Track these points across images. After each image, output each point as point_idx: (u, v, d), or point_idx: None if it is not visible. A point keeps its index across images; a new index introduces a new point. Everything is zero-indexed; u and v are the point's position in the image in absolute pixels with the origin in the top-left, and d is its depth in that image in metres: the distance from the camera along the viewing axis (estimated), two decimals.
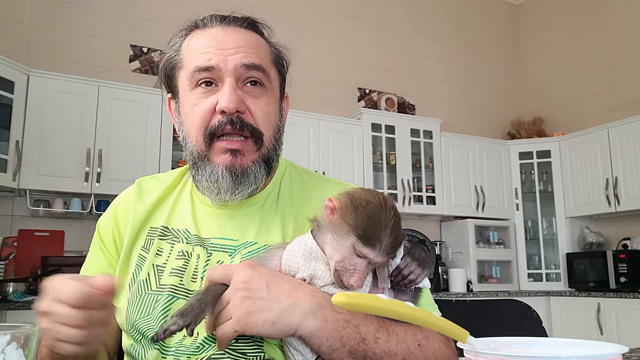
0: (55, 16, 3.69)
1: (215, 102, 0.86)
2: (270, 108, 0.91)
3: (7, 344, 0.50)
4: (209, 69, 0.86)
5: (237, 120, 0.86)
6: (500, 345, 0.58)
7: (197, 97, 0.88)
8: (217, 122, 0.86)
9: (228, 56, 0.87)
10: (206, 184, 0.89)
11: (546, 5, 5.44)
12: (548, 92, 5.32)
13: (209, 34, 0.90)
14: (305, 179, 1.01)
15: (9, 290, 2.98)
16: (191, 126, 0.89)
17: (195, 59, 0.88)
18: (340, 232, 0.72)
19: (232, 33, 0.90)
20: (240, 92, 0.87)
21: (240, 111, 0.86)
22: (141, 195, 0.98)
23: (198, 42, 0.90)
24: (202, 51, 0.88)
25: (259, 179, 0.89)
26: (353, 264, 0.71)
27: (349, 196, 0.75)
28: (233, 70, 0.86)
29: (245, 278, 0.71)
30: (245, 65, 0.87)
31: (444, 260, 4.59)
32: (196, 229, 0.92)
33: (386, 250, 0.71)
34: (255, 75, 0.88)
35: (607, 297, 3.95)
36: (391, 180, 4.43)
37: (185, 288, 0.87)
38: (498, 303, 1.30)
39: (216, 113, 0.86)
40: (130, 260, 0.93)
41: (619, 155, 4.24)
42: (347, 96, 4.68)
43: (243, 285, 0.71)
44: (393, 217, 0.72)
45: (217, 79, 0.87)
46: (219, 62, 0.86)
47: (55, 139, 3.27)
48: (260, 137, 0.88)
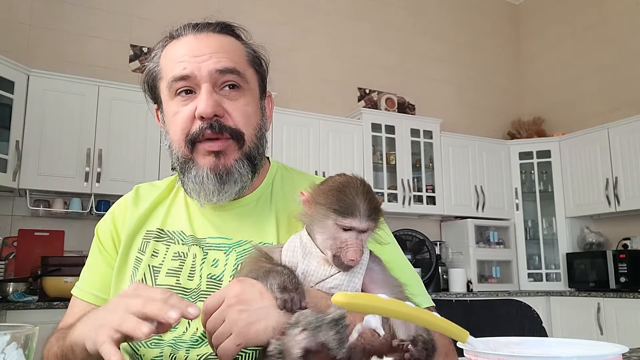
0: (55, 16, 3.69)
1: (194, 108, 0.88)
2: (249, 108, 0.93)
3: (7, 344, 0.50)
4: (185, 77, 0.89)
5: (215, 124, 0.88)
6: (500, 345, 0.58)
7: (177, 106, 0.91)
8: (197, 128, 0.88)
9: (201, 63, 0.89)
10: (192, 186, 0.91)
11: (546, 5, 5.44)
12: (548, 92, 5.32)
13: (182, 43, 0.92)
14: (296, 178, 1.04)
15: (9, 290, 2.98)
16: (174, 134, 0.92)
17: (172, 68, 0.90)
18: (320, 216, 0.74)
19: (205, 39, 0.92)
20: (217, 97, 0.89)
21: (219, 115, 0.88)
22: (137, 201, 1.01)
23: (173, 51, 0.92)
24: (177, 60, 0.90)
25: (244, 176, 0.91)
26: (343, 240, 0.73)
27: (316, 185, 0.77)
28: (208, 76, 0.88)
29: (237, 292, 0.71)
30: (219, 70, 0.89)
31: (444, 260, 4.59)
32: (191, 230, 0.95)
33: (367, 214, 0.72)
34: (231, 79, 0.90)
35: (607, 297, 3.95)
36: (391, 180, 4.43)
37: (183, 287, 0.89)
38: (498, 303, 1.30)
39: (196, 119, 0.88)
40: (127, 263, 0.95)
41: (619, 155, 4.24)
42: (347, 96, 4.68)
43: (237, 299, 0.70)
44: (362, 185, 0.74)
45: (194, 86, 0.89)
46: (194, 69, 0.88)
47: (55, 139, 3.27)
48: (241, 137, 0.90)
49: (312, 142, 4.05)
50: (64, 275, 2.92)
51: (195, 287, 0.88)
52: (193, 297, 0.88)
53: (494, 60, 5.50)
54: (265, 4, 4.33)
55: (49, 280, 2.98)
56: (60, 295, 2.89)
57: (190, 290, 0.88)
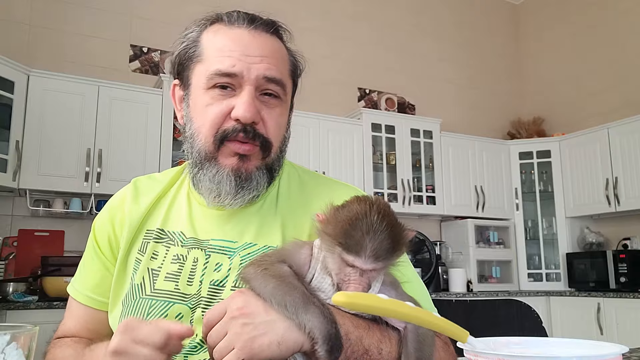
0: (55, 16, 3.69)
1: (231, 106, 0.85)
2: (282, 119, 0.91)
3: (7, 344, 0.50)
4: (231, 75, 0.84)
5: (250, 130, 0.85)
6: (500, 345, 0.58)
7: (212, 97, 0.86)
8: (230, 127, 0.85)
9: (252, 64, 0.85)
10: (208, 185, 0.87)
11: (546, 5, 5.44)
12: (548, 92, 5.32)
13: (235, 35, 0.87)
14: (304, 178, 1.00)
15: (9, 290, 2.98)
16: (202, 125, 0.87)
17: (218, 60, 0.86)
18: (327, 245, 0.70)
19: (259, 38, 0.88)
20: (258, 103, 0.86)
21: (255, 122, 0.85)
22: (137, 197, 0.96)
23: (222, 41, 0.87)
24: (226, 53, 0.85)
25: (261, 185, 0.89)
26: (347, 274, 0.69)
27: (335, 208, 0.73)
28: (254, 80, 0.85)
29: (240, 304, 0.68)
30: (267, 77, 0.86)
31: (444, 260, 4.59)
32: (192, 231, 0.91)
33: (372, 255, 0.67)
34: (274, 89, 0.88)
35: (607, 297, 3.95)
36: (391, 180, 4.43)
37: (182, 293, 0.86)
38: (498, 303, 1.30)
39: (230, 118, 0.85)
40: (127, 264, 0.92)
41: (619, 155, 4.24)
42: (347, 96, 4.68)
43: (240, 312, 0.67)
44: (379, 221, 0.68)
45: (236, 84, 0.86)
46: (243, 69, 0.84)
47: (55, 139, 3.27)
48: (269, 148, 0.88)
49: (312, 142, 4.05)
50: (64, 275, 2.92)
51: (195, 292, 0.85)
52: (192, 302, 0.85)
53: (494, 60, 5.50)
54: (265, 4, 4.33)
55: (49, 280, 2.98)
56: (60, 295, 2.89)
57: (189, 295, 0.85)
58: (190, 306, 0.85)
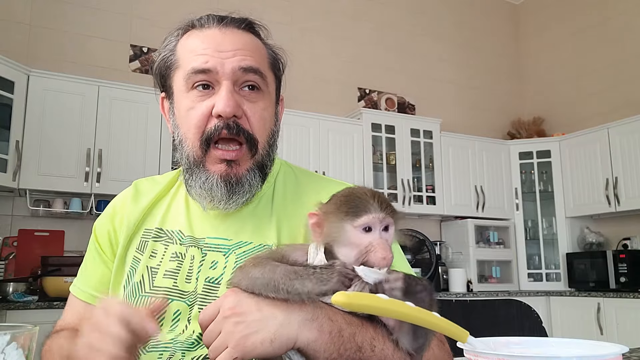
0: (55, 16, 3.69)
1: (212, 105, 0.85)
2: (266, 113, 0.90)
3: (7, 344, 0.50)
4: (205, 71, 0.85)
5: (233, 125, 0.85)
6: (500, 345, 0.58)
7: (193, 100, 0.87)
8: (213, 126, 0.85)
9: (225, 59, 0.85)
10: (199, 191, 0.88)
11: (546, 5, 5.44)
12: (548, 92, 5.32)
13: (206, 35, 0.88)
14: (300, 177, 1.01)
15: (9, 290, 2.98)
16: (187, 130, 0.88)
17: (192, 60, 0.86)
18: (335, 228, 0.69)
19: (230, 34, 0.89)
20: (237, 96, 0.86)
21: (237, 116, 0.85)
22: (137, 198, 0.98)
23: (195, 42, 0.88)
24: (199, 52, 0.86)
25: (254, 186, 0.89)
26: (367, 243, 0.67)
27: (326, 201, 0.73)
28: (230, 74, 0.85)
29: (232, 303, 0.68)
30: (243, 68, 0.86)
31: (444, 260, 4.59)
32: (190, 230, 0.92)
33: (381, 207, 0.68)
34: (253, 79, 0.88)
35: (607, 297, 3.95)
36: (391, 180, 4.43)
37: (180, 290, 0.87)
38: (498, 303, 1.30)
39: (212, 117, 0.85)
40: (125, 262, 0.93)
41: (619, 155, 4.24)
42: (347, 96, 4.68)
43: (232, 311, 0.67)
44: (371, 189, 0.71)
45: (213, 81, 0.86)
46: (216, 64, 0.85)
47: (55, 139, 3.27)
48: (255, 144, 0.88)
49: (312, 142, 4.05)
50: (64, 275, 2.92)
51: (192, 290, 0.86)
52: (190, 300, 0.86)
53: (494, 60, 5.50)
54: (265, 4, 4.33)
55: (49, 280, 2.98)
56: (60, 295, 2.89)
57: (187, 292, 0.86)
58: (188, 303, 0.86)
